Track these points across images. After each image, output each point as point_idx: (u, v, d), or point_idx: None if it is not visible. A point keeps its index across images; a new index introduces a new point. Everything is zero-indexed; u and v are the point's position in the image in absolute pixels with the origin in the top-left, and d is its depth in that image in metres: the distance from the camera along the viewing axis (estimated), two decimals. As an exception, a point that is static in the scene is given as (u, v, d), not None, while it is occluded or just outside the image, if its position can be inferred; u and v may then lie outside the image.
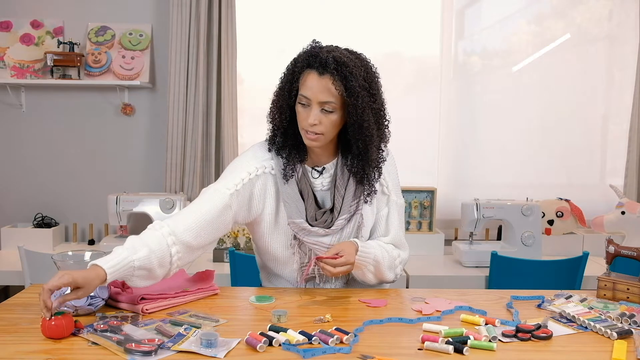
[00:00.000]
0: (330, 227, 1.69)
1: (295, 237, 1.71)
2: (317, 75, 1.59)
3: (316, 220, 1.69)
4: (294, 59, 1.66)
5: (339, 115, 1.62)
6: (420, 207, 3.16)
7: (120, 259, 1.45)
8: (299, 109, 1.64)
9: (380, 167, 1.74)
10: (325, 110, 1.60)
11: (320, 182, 1.74)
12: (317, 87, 1.59)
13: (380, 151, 1.71)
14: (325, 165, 1.75)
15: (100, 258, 1.45)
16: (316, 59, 1.59)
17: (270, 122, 1.74)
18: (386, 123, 1.70)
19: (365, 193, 1.72)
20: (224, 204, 1.65)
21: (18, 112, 3.18)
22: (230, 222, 1.68)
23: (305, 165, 1.74)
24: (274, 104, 1.70)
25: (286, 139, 1.71)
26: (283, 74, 1.69)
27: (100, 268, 1.41)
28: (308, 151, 1.74)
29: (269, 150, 1.75)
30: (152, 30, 3.17)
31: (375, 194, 1.75)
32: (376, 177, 1.73)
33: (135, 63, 3.11)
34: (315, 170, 1.74)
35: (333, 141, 1.71)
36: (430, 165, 3.33)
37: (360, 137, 1.63)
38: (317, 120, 1.60)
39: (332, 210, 1.71)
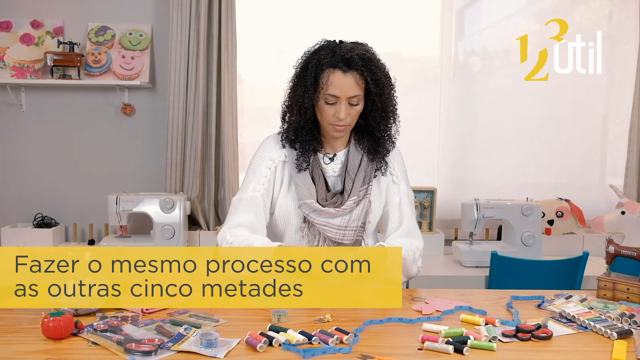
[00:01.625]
0: (340, 207, 1.75)
1: (305, 220, 1.78)
2: (342, 73, 1.68)
3: (326, 201, 1.77)
4: (315, 61, 1.70)
5: (362, 104, 1.74)
6: (420, 207, 3.16)
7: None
8: (324, 107, 1.72)
9: (394, 142, 1.84)
10: (351, 104, 1.71)
11: (332, 169, 1.83)
12: (345, 85, 1.68)
13: (394, 124, 1.82)
14: (337, 153, 1.84)
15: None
16: (339, 58, 1.68)
17: (286, 122, 1.81)
18: (396, 97, 1.80)
19: (375, 168, 1.82)
20: (263, 205, 1.81)
21: (18, 112, 3.18)
22: (269, 214, 1.85)
23: (318, 153, 1.82)
24: (296, 104, 1.74)
25: (302, 134, 1.78)
26: (298, 77, 1.74)
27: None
28: (323, 139, 1.83)
29: (283, 145, 1.83)
30: (152, 30, 3.17)
31: (387, 168, 1.85)
32: (390, 149, 1.84)
33: (135, 63, 3.11)
34: (327, 156, 1.83)
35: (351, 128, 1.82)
36: (430, 165, 3.33)
37: (382, 120, 1.77)
38: (347, 114, 1.71)
39: (342, 193, 1.79)
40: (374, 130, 1.79)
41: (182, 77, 3.06)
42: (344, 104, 1.70)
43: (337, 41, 1.76)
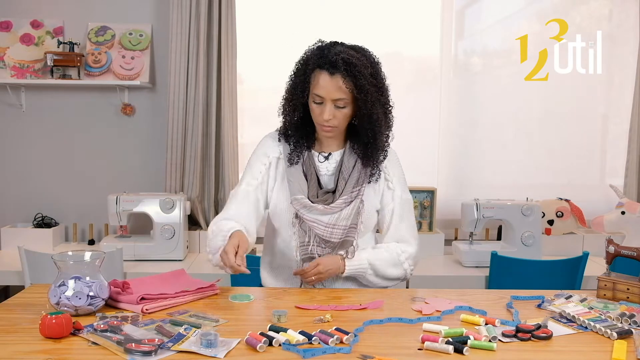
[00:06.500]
0: (329, 205, 1.78)
1: (296, 216, 1.80)
2: (329, 75, 1.71)
3: (317, 198, 1.79)
4: (304, 60, 1.77)
5: (350, 108, 1.75)
6: (420, 207, 3.16)
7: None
8: (313, 106, 1.76)
9: (386, 151, 1.85)
10: (338, 106, 1.73)
11: (326, 167, 1.85)
12: (329, 87, 1.71)
13: (386, 136, 1.83)
14: (332, 152, 1.86)
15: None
16: (326, 60, 1.70)
17: (282, 117, 1.86)
18: (390, 109, 1.81)
19: (369, 174, 1.83)
20: (255, 198, 1.85)
21: (18, 112, 3.18)
22: (263, 208, 1.89)
23: (312, 150, 1.85)
24: (287, 101, 1.81)
25: (296, 130, 1.83)
26: (293, 73, 1.80)
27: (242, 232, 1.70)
28: (318, 138, 1.86)
29: (279, 139, 1.88)
30: (152, 30, 3.17)
31: (380, 176, 1.85)
32: (382, 159, 1.85)
33: (135, 63, 3.11)
34: (322, 155, 1.85)
35: (343, 130, 1.83)
36: (430, 165, 3.33)
37: (370, 127, 1.77)
38: (332, 116, 1.74)
39: (334, 192, 1.81)
40: (363, 137, 1.80)
41: (182, 77, 3.06)
42: (329, 105, 1.73)
43: (332, 43, 1.77)
